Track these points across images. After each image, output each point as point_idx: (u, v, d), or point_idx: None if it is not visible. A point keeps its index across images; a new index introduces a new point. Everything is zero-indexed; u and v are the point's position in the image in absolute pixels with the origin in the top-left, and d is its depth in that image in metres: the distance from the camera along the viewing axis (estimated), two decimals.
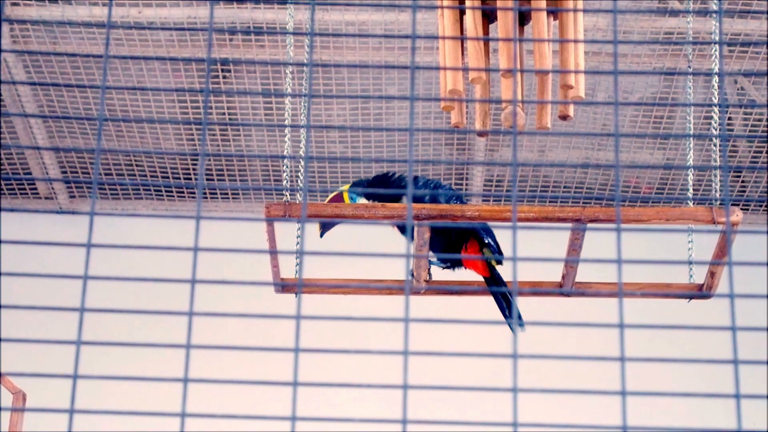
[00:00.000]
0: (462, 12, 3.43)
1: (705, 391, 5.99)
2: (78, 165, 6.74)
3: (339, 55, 6.07)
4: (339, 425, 2.11)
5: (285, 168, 3.81)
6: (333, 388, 6.00)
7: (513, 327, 3.78)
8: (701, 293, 3.79)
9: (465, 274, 4.18)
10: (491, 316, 4.03)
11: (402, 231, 4.09)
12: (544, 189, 6.73)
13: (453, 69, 3.31)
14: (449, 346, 6.41)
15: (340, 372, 6.41)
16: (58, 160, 6.69)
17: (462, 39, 3.39)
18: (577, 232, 3.56)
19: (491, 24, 3.48)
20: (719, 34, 3.79)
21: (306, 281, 3.79)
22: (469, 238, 4.07)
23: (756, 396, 1.71)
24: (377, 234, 4.32)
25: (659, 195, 6.74)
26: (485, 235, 4.02)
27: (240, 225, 6.65)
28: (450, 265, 4.15)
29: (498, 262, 4.02)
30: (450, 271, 4.18)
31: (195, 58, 5.94)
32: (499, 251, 4.05)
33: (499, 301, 3.98)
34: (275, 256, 3.68)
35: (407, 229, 1.90)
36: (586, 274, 3.78)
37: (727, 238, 2.06)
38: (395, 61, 6.07)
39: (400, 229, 4.08)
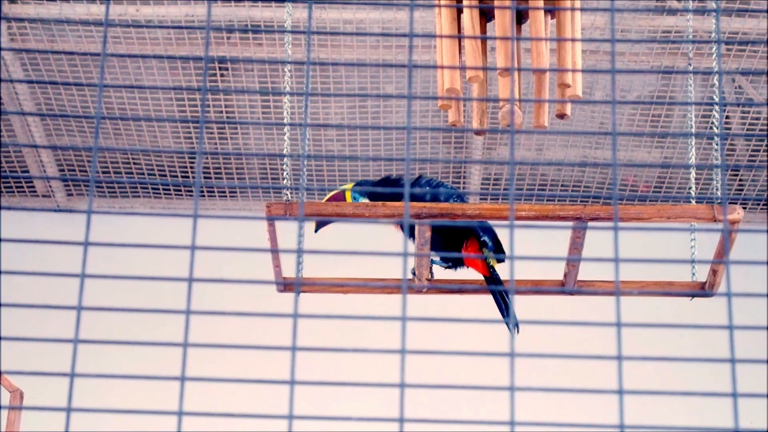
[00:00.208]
0: (459, 10, 3.43)
1: (708, 390, 5.99)
2: (76, 163, 6.74)
3: (337, 54, 6.07)
4: (336, 424, 2.11)
5: (285, 166, 3.80)
6: (331, 386, 6.00)
7: (510, 327, 3.78)
8: (703, 292, 3.79)
9: (466, 273, 4.18)
10: (492, 315, 4.03)
11: (401, 230, 4.09)
12: (541, 188, 6.74)
13: (450, 67, 3.32)
14: (451, 345, 6.41)
15: (340, 371, 6.42)
16: (55, 158, 6.69)
17: (459, 37, 3.40)
18: (579, 230, 3.56)
19: (489, 22, 3.48)
20: (717, 32, 3.79)
21: (305, 280, 3.79)
22: (470, 237, 4.07)
23: (754, 395, 1.71)
24: (379, 233, 4.32)
25: (657, 193, 6.74)
26: (483, 234, 4.02)
27: (238, 223, 6.65)
28: (452, 264, 4.15)
29: (499, 260, 4.02)
30: (452, 271, 4.18)
31: (192, 56, 5.93)
32: (500, 250, 4.05)
33: (498, 301, 3.99)
34: (277, 255, 3.68)
35: (405, 228, 1.90)
36: (589, 272, 3.78)
37: (725, 236, 2.08)
38: (393, 60, 6.07)
39: (402, 229, 4.08)
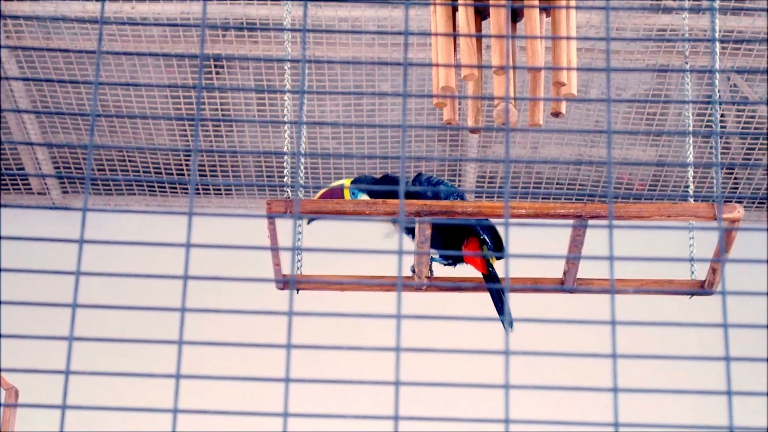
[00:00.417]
0: (455, 9, 3.43)
1: (709, 389, 6.00)
2: (71, 161, 6.73)
3: (332, 52, 6.07)
4: (332, 422, 2.11)
5: (285, 164, 3.81)
6: (327, 384, 6.00)
7: (505, 324, 3.79)
8: (703, 290, 3.79)
9: (465, 270, 4.18)
10: (489, 313, 4.03)
11: (400, 227, 4.09)
12: (537, 186, 6.74)
13: (446, 66, 3.32)
14: (450, 343, 6.41)
15: (338, 369, 6.42)
16: (51, 155, 6.69)
17: (455, 36, 3.40)
18: (579, 228, 3.56)
19: (484, 21, 3.48)
20: (712, 30, 3.80)
21: (303, 278, 3.79)
22: (470, 234, 4.08)
23: (748, 393, 1.71)
24: (378, 231, 4.32)
25: (652, 192, 6.75)
26: (481, 232, 4.02)
27: (233, 221, 6.65)
28: (451, 262, 4.16)
29: (497, 258, 4.02)
30: (451, 268, 4.19)
31: (188, 53, 5.93)
32: (499, 248, 4.04)
33: (495, 299, 3.99)
34: (276, 253, 3.68)
35: (400, 225, 1.90)
36: (589, 270, 3.78)
37: (719, 234, 2.08)
38: (388, 58, 6.07)
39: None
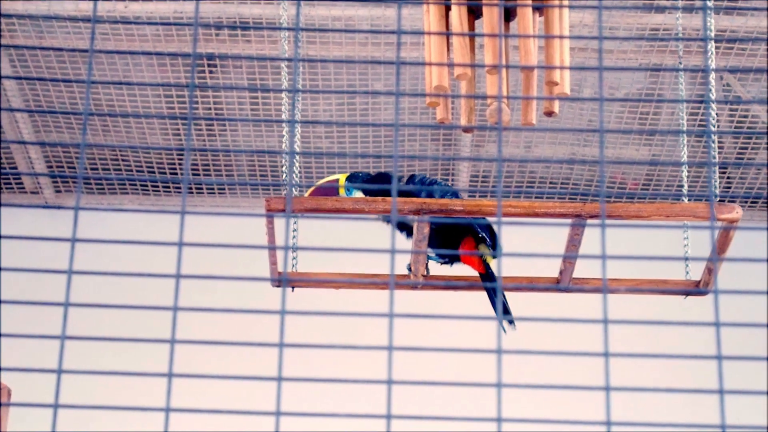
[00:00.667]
0: (448, 8, 3.44)
1: (709, 388, 6.01)
2: (64, 160, 6.73)
3: (325, 51, 6.07)
4: (325, 421, 2.11)
5: (287, 162, 3.81)
6: (320, 383, 6.00)
7: (501, 323, 3.79)
8: (698, 290, 3.80)
9: (462, 269, 4.18)
10: (485, 312, 4.04)
11: (397, 226, 4.11)
12: (530, 185, 6.75)
13: (438, 65, 3.32)
14: (446, 342, 6.41)
15: (333, 368, 6.42)
16: (44, 154, 6.68)
17: (448, 35, 3.40)
18: (577, 228, 3.57)
19: (477, 20, 3.49)
20: (705, 30, 3.80)
21: (295, 275, 3.80)
22: (467, 233, 4.08)
23: (739, 392, 1.72)
24: (376, 229, 4.32)
25: (645, 191, 6.76)
26: (480, 231, 4.03)
27: (227, 220, 6.65)
28: (448, 260, 4.16)
29: (492, 257, 4.03)
30: (447, 266, 4.19)
31: (181, 53, 5.93)
32: (496, 247, 4.05)
33: (491, 298, 3.99)
34: (273, 251, 3.69)
35: (392, 223, 1.91)
36: (585, 270, 3.78)
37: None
38: (382, 57, 6.07)
39: (396, 226, 4.10)
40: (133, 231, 6.70)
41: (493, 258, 4.04)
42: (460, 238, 4.09)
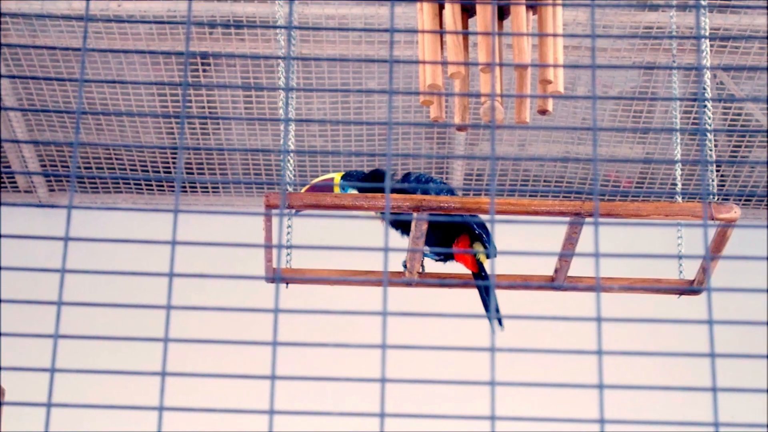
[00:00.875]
0: (441, 6, 3.44)
1: (708, 386, 6.01)
2: (58, 159, 6.72)
3: (319, 49, 6.06)
4: (318, 419, 2.11)
5: (283, 161, 3.82)
6: (314, 382, 5.99)
7: (492, 322, 3.80)
8: (692, 288, 3.80)
9: (456, 267, 4.19)
10: (479, 310, 4.04)
11: (392, 225, 4.11)
12: (524, 183, 6.75)
13: (432, 63, 3.32)
14: (441, 340, 6.41)
15: (327, 366, 6.41)
16: (37, 153, 6.67)
17: (441, 33, 3.40)
18: (575, 226, 3.57)
19: (470, 18, 3.48)
20: (697, 27, 3.80)
21: (289, 272, 3.80)
22: (461, 232, 4.08)
23: (733, 389, 1.72)
24: (371, 226, 4.32)
25: (639, 189, 6.76)
26: (477, 228, 4.03)
27: (221, 219, 6.64)
28: (443, 258, 4.17)
29: (486, 256, 4.03)
30: (442, 264, 4.20)
31: (174, 51, 5.92)
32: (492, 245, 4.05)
33: (483, 297, 4.00)
34: (269, 249, 3.69)
35: (386, 221, 1.91)
36: (581, 268, 3.78)
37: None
38: (375, 55, 6.07)
39: (392, 224, 4.10)
40: (127, 230, 6.69)
41: (488, 258, 4.04)
42: (455, 235, 4.10)
